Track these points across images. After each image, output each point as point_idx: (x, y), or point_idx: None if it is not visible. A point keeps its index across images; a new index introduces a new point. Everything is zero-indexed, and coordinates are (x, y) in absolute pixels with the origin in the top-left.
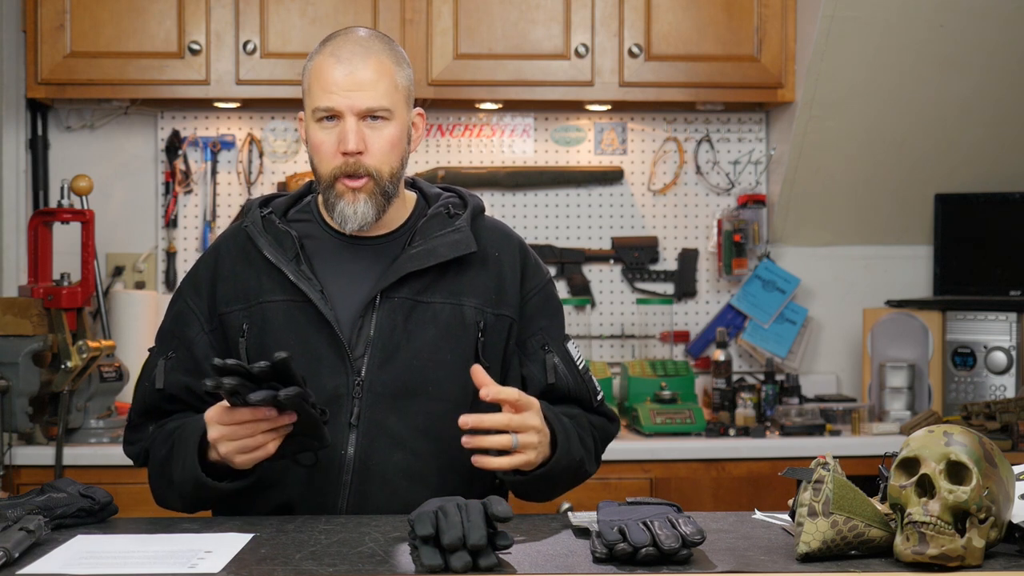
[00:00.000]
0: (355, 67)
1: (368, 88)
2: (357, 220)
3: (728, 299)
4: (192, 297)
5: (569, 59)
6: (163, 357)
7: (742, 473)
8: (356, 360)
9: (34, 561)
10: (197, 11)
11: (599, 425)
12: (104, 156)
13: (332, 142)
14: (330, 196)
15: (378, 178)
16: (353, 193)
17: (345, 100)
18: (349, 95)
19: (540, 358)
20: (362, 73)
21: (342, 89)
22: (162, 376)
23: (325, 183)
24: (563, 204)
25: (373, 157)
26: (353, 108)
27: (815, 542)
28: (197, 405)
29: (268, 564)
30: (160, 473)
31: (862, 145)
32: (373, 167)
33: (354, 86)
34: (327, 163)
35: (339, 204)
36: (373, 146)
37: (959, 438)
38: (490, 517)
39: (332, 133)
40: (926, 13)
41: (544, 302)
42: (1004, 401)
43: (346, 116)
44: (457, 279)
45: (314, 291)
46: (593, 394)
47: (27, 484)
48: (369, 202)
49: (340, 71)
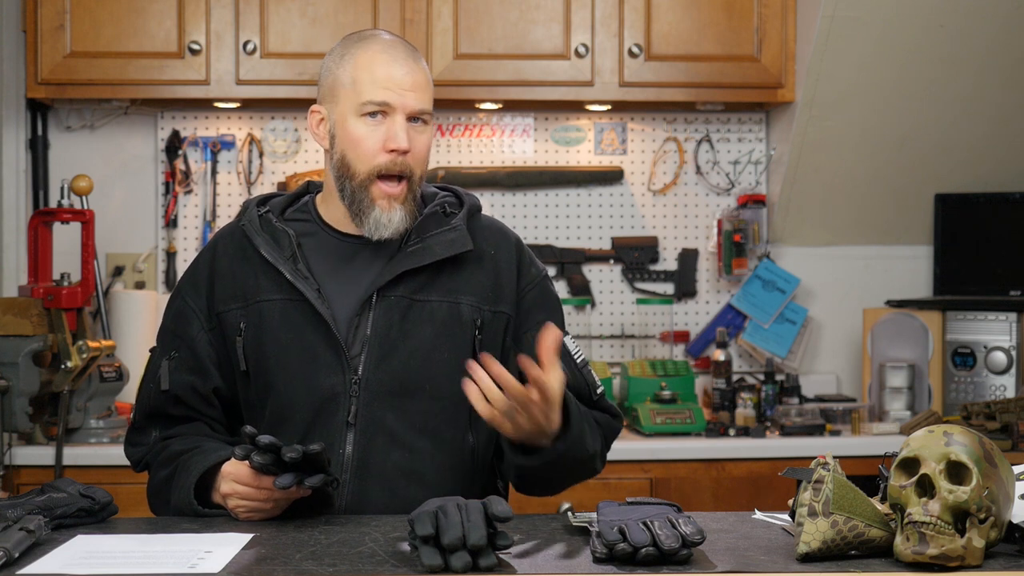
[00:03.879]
0: (411, 67)
1: (420, 90)
2: (392, 228)
3: (728, 299)
4: (191, 295)
5: (569, 59)
6: (166, 357)
7: (742, 473)
8: (353, 359)
9: (34, 561)
10: (197, 11)
11: (603, 422)
12: (104, 156)
13: (377, 139)
14: (363, 199)
15: (412, 181)
16: (388, 200)
17: (400, 98)
18: (404, 94)
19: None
20: (417, 75)
21: (399, 87)
22: (167, 377)
23: (360, 181)
24: (563, 204)
25: (414, 158)
26: (406, 107)
27: (815, 542)
28: (201, 408)
29: (268, 564)
30: (157, 492)
31: (862, 145)
32: (413, 168)
33: (410, 86)
34: (368, 159)
35: (373, 211)
36: (416, 148)
37: (959, 438)
38: (490, 517)
39: (378, 130)
40: (926, 13)
41: (541, 297)
42: (1004, 401)
43: (397, 114)
44: (453, 277)
45: (311, 290)
46: (592, 388)
47: (27, 484)
48: (404, 210)
49: (398, 69)
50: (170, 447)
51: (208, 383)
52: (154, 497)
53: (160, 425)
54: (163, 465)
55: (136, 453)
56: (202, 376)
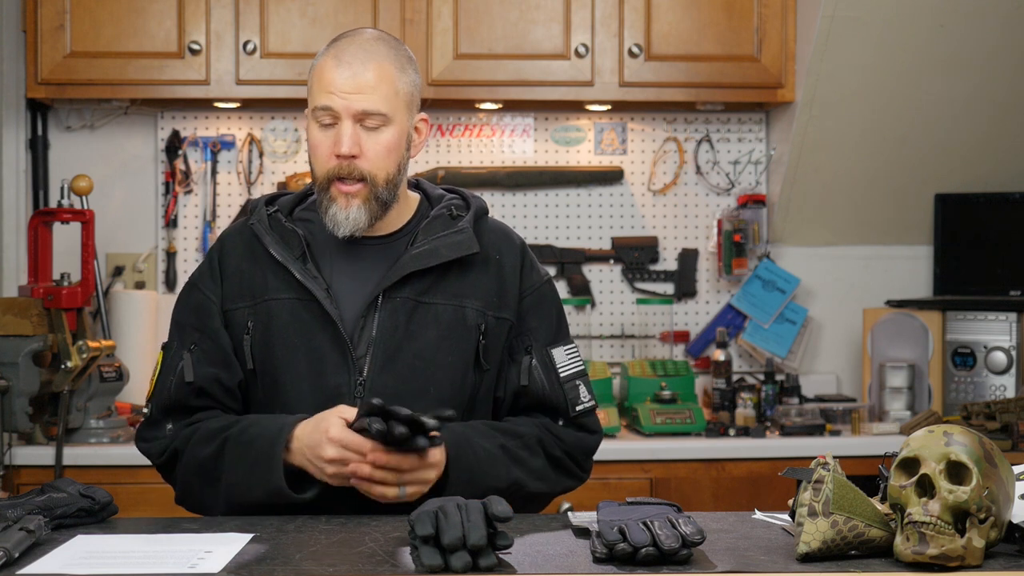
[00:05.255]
0: (355, 70)
1: (367, 91)
2: (348, 225)
3: (728, 299)
4: (209, 288)
5: (569, 59)
6: (187, 349)
7: (742, 473)
8: (359, 359)
9: (34, 561)
10: (197, 11)
11: (569, 440)
12: (104, 156)
13: (328, 144)
14: (324, 199)
15: (372, 183)
16: (346, 198)
17: (342, 101)
18: (346, 97)
19: (520, 359)
20: (362, 76)
21: (340, 90)
22: (191, 369)
23: (320, 184)
24: (563, 204)
25: (368, 161)
26: (349, 110)
27: (815, 542)
28: (225, 400)
29: (268, 564)
30: (200, 472)
31: (862, 145)
32: (368, 171)
33: (352, 88)
34: (322, 164)
35: (332, 208)
36: (368, 150)
37: (959, 438)
38: (490, 517)
39: (329, 135)
40: (926, 13)
41: (537, 304)
42: (1004, 401)
43: (342, 118)
44: (459, 280)
45: (320, 289)
46: (571, 403)
47: (27, 484)
48: (362, 208)
49: (340, 73)
50: (202, 428)
51: (234, 376)
52: (194, 478)
53: (176, 418)
54: (202, 443)
55: (155, 446)
56: (227, 369)
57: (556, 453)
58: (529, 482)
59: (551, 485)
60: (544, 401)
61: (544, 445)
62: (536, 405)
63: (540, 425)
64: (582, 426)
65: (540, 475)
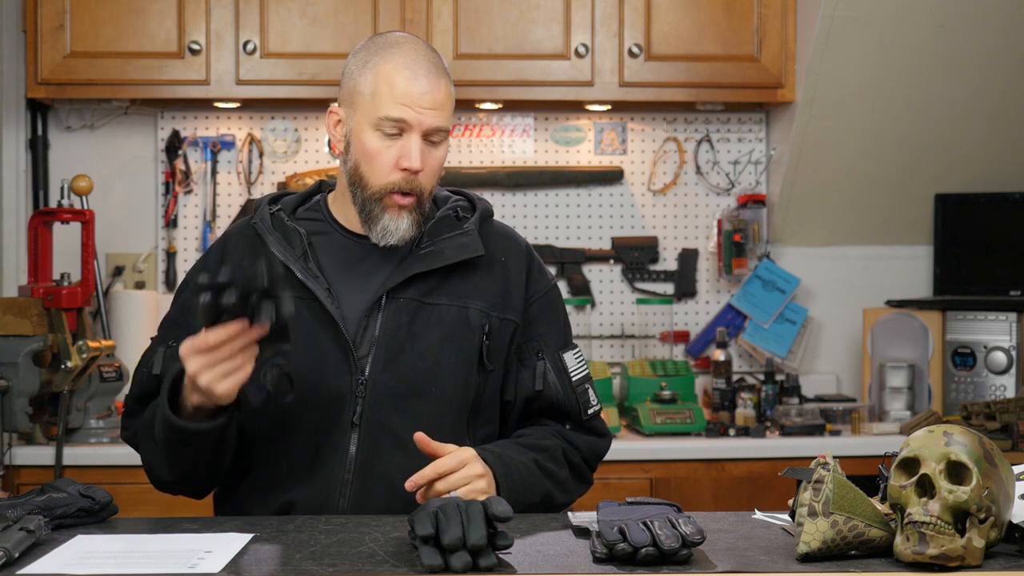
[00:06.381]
0: (432, 85)
1: (439, 108)
2: (399, 235)
3: (728, 299)
4: None
5: (569, 59)
6: (163, 345)
7: (742, 473)
8: (360, 359)
9: (34, 561)
10: (197, 11)
11: (583, 445)
12: (104, 156)
13: (392, 155)
14: (375, 208)
15: (422, 195)
16: (399, 209)
17: (417, 116)
18: (423, 112)
19: (532, 364)
20: (437, 93)
21: (417, 105)
22: (160, 363)
23: (372, 194)
24: (563, 204)
25: (426, 176)
26: (423, 125)
27: (815, 542)
28: None
29: (268, 564)
30: (147, 437)
31: (862, 145)
32: (424, 185)
33: (430, 104)
34: (382, 175)
35: (383, 218)
36: (428, 165)
37: (959, 438)
38: (490, 517)
39: (393, 146)
40: (926, 13)
41: (545, 308)
42: (1004, 401)
43: (414, 132)
44: (463, 282)
45: (321, 289)
46: (584, 407)
47: (27, 484)
48: (411, 219)
49: (418, 87)
50: None
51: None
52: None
53: None
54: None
55: (130, 433)
56: None
57: (575, 460)
58: (557, 494)
59: (572, 494)
60: (557, 406)
61: (567, 455)
62: (548, 410)
63: (556, 434)
64: (592, 430)
65: (565, 486)
